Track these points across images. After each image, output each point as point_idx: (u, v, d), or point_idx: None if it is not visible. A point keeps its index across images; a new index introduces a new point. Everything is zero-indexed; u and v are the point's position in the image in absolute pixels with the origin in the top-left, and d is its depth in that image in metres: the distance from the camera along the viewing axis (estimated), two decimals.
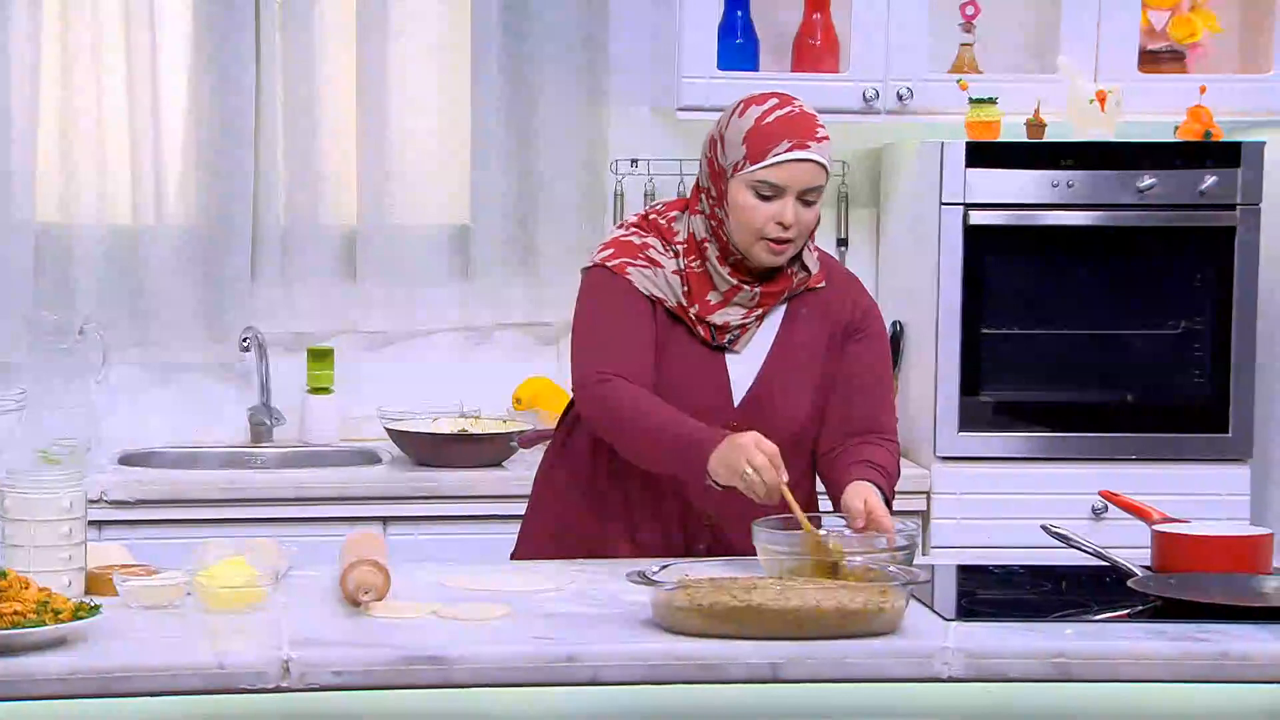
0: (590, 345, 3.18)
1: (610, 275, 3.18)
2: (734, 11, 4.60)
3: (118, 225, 4.63)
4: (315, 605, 2.83)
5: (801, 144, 3.09)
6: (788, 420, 3.19)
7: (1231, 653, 2.65)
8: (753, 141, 3.10)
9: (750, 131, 3.10)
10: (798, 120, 3.11)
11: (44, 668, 2.49)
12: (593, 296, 3.21)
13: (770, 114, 3.11)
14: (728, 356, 3.20)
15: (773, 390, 3.20)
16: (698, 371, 3.19)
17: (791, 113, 3.11)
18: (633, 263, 3.18)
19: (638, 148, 4.74)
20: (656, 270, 3.18)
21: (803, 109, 3.13)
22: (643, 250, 3.20)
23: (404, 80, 4.70)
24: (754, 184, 3.09)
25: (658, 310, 3.18)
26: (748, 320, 3.19)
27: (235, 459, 4.60)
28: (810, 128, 3.11)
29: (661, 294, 3.18)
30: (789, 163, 3.08)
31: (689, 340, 3.19)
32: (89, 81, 4.58)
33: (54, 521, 2.78)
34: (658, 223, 3.23)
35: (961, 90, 4.44)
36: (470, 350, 4.80)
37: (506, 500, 4.14)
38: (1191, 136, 4.45)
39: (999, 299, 4.43)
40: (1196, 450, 4.44)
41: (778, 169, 3.08)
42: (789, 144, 3.08)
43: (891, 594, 2.68)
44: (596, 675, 2.59)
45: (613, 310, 3.17)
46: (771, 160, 3.08)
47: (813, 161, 3.10)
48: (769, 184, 3.09)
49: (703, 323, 3.18)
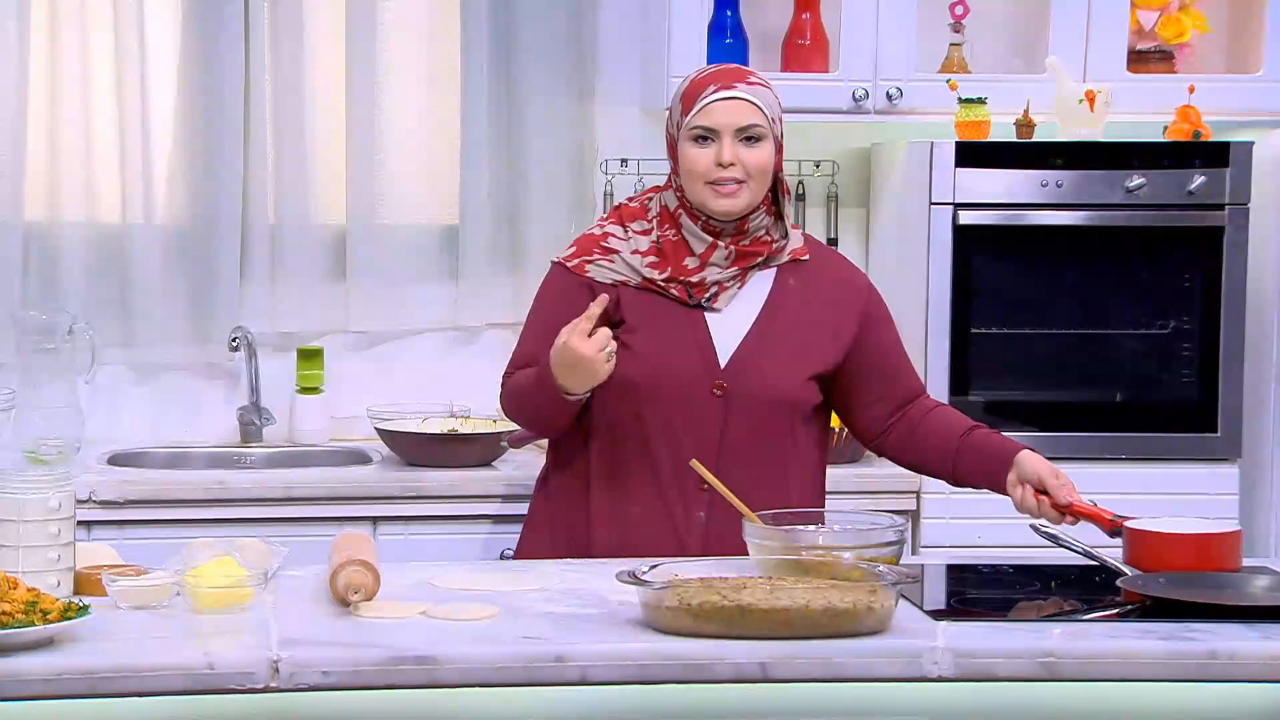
0: (520, 342, 3.38)
1: (565, 274, 3.32)
2: (723, 11, 4.60)
3: (106, 224, 4.62)
4: (304, 605, 2.83)
5: (727, 85, 3.25)
6: (777, 385, 3.25)
7: (1220, 652, 2.65)
8: (686, 96, 3.28)
9: (684, 90, 3.29)
10: (725, 70, 3.31)
11: (32, 668, 2.49)
12: (540, 294, 3.40)
13: (703, 73, 3.31)
14: (709, 316, 3.27)
15: (761, 354, 3.25)
16: (678, 334, 3.26)
17: (722, 68, 3.31)
18: (589, 259, 3.31)
19: (627, 147, 4.74)
20: (613, 257, 3.29)
21: (737, 67, 3.34)
22: (601, 240, 3.32)
23: (392, 80, 4.70)
24: (691, 134, 3.25)
25: (621, 293, 3.27)
26: (724, 277, 3.26)
27: (224, 459, 4.60)
28: (738, 73, 3.30)
29: (623, 276, 3.28)
30: (716, 103, 3.23)
31: (665, 306, 3.27)
32: (77, 80, 4.57)
33: (42, 522, 2.77)
34: (628, 207, 3.37)
35: (951, 90, 4.44)
36: (459, 350, 4.80)
37: (496, 500, 4.14)
38: (1180, 136, 4.46)
39: (988, 299, 4.43)
40: (1185, 450, 4.45)
41: (706, 112, 3.24)
42: (715, 87, 3.25)
43: (880, 593, 2.68)
44: (585, 675, 2.59)
45: (547, 310, 3.33)
46: (699, 105, 3.24)
47: (741, 99, 3.24)
48: (702, 128, 3.24)
49: (678, 282, 3.26)
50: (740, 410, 3.24)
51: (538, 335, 3.30)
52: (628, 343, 3.24)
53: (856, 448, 4.35)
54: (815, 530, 3.03)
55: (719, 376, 3.24)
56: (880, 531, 3.01)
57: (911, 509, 4.34)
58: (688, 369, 3.23)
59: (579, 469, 3.32)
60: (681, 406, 3.23)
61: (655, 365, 3.23)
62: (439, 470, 4.28)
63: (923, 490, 4.36)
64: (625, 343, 3.24)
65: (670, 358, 3.24)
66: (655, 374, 3.23)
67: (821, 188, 4.81)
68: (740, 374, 3.24)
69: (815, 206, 4.82)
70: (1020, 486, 3.21)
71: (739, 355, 3.26)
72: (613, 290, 3.26)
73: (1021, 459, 3.22)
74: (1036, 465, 3.20)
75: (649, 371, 3.23)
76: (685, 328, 3.26)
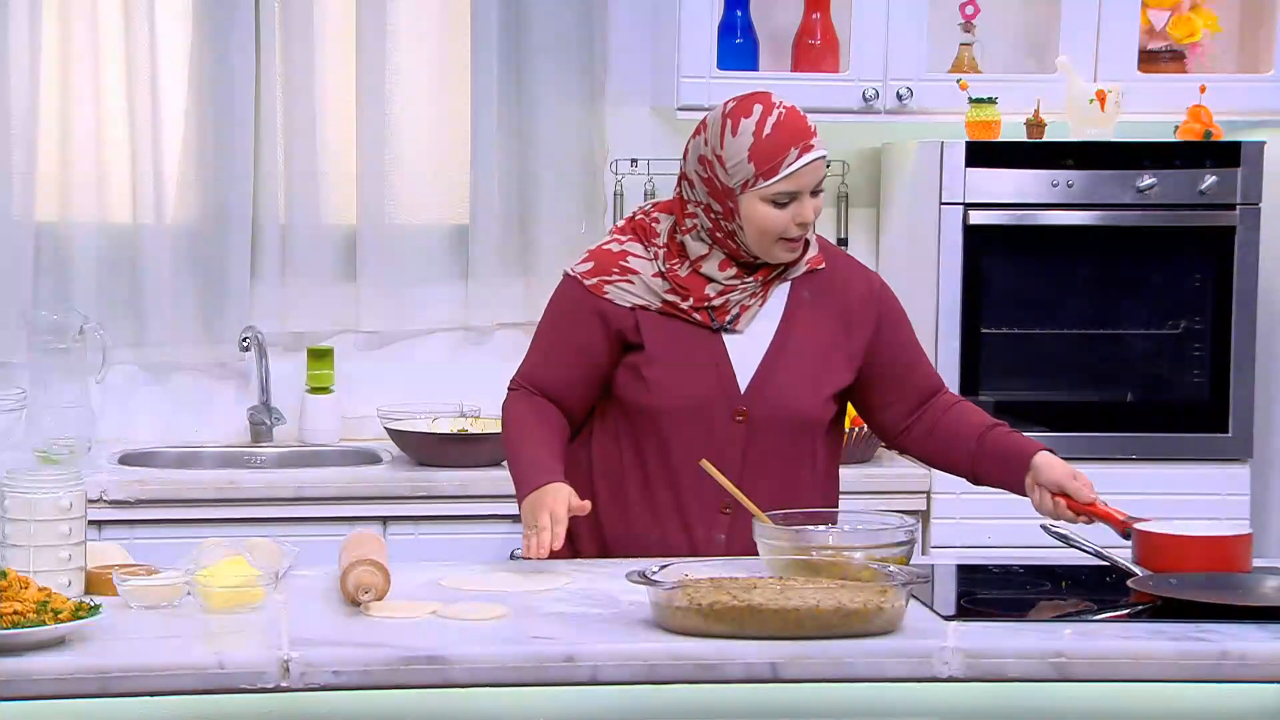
0: (530, 352, 3.31)
1: (579, 289, 3.24)
2: (734, 11, 4.60)
3: (117, 224, 4.63)
4: (315, 605, 2.83)
5: (806, 146, 3.14)
6: (796, 407, 3.22)
7: (1230, 652, 2.65)
8: (760, 157, 3.12)
9: (754, 148, 3.13)
10: (791, 123, 3.15)
11: (44, 667, 2.49)
12: (552, 306, 3.31)
13: (764, 124, 3.13)
14: (728, 339, 3.22)
15: (779, 377, 3.22)
16: (698, 361, 3.21)
17: (781, 115, 3.15)
18: (609, 279, 3.22)
19: (637, 147, 4.74)
20: (634, 278, 3.22)
21: (787, 107, 3.17)
22: (621, 259, 3.23)
23: (403, 80, 4.70)
24: (771, 196, 3.13)
25: (640, 318, 3.21)
26: (744, 296, 3.22)
27: (235, 459, 4.60)
28: (805, 126, 3.16)
29: (644, 300, 3.21)
30: (801, 168, 3.12)
31: (685, 330, 3.21)
32: (88, 80, 4.57)
33: (53, 521, 2.77)
34: (643, 223, 3.27)
35: (961, 90, 4.44)
36: (469, 350, 4.80)
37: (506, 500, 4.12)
38: (1191, 136, 4.45)
39: (999, 298, 4.43)
40: (1196, 450, 4.44)
41: (792, 178, 3.13)
42: (796, 150, 3.13)
43: (891, 593, 2.68)
44: (595, 675, 2.59)
45: (559, 325, 3.27)
46: (786, 172, 3.12)
47: (821, 158, 3.16)
48: (786, 193, 3.13)
49: (701, 309, 3.20)
50: (761, 434, 3.21)
51: (548, 351, 3.28)
52: (646, 373, 3.21)
53: (867, 448, 4.36)
54: (826, 530, 3.03)
55: (740, 402, 3.21)
56: (891, 532, 3.01)
57: (922, 509, 4.34)
58: (709, 398, 3.19)
59: (596, 490, 3.28)
60: (702, 433, 3.19)
61: (675, 396, 3.18)
62: (449, 470, 4.29)
63: (933, 490, 4.35)
64: (644, 373, 3.21)
65: (691, 388, 3.19)
66: (675, 404, 3.19)
67: (832, 187, 4.80)
68: (760, 399, 3.21)
69: (826, 206, 4.79)
70: (1037, 489, 3.20)
71: (758, 379, 3.21)
72: (631, 314, 3.22)
73: (1038, 463, 3.20)
74: (1053, 471, 3.19)
75: (669, 402, 3.19)
76: (704, 353, 3.21)
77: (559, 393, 3.26)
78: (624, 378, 3.23)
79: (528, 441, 3.23)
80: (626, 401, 3.23)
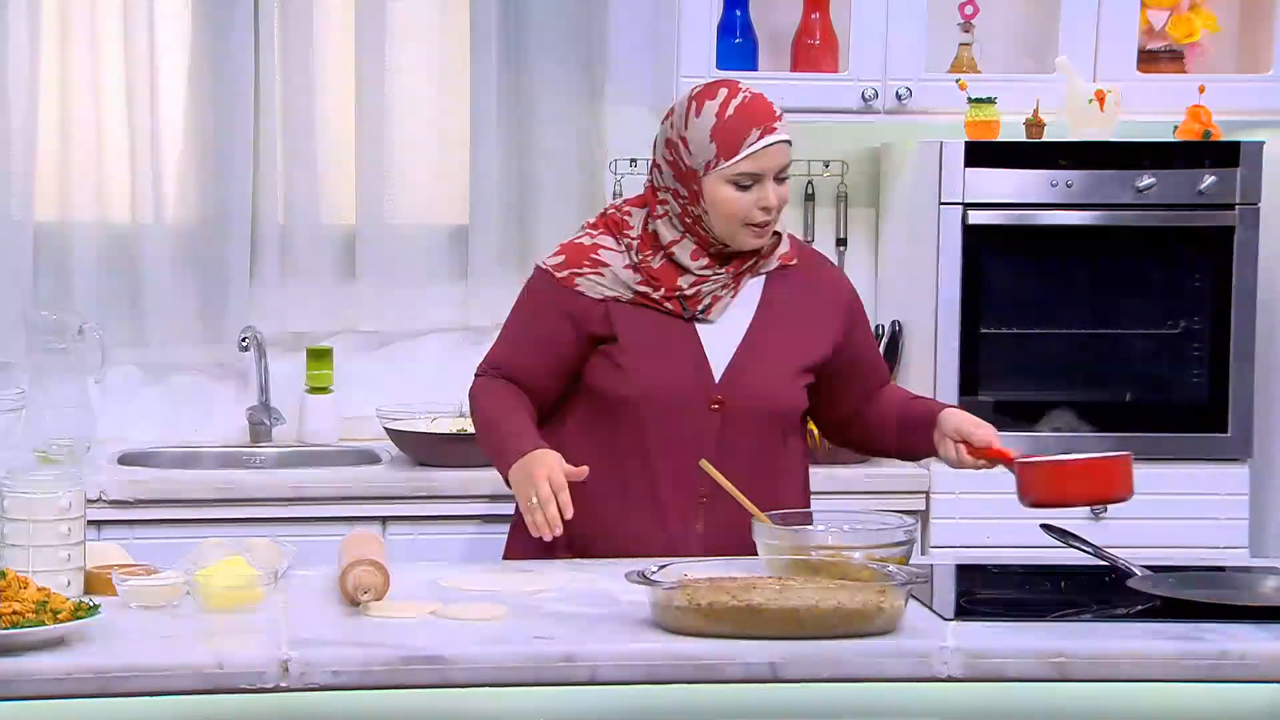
0: (498, 341, 3.34)
1: (551, 283, 3.26)
2: (733, 11, 4.60)
3: (116, 224, 4.63)
4: (314, 605, 2.83)
5: (768, 128, 3.17)
6: (771, 396, 3.25)
7: (1230, 652, 2.65)
8: (721, 137, 3.16)
9: (715, 128, 3.17)
10: (755, 105, 3.19)
11: (43, 667, 2.49)
12: (522, 296, 3.34)
13: (727, 106, 3.18)
14: (701, 329, 3.25)
15: (755, 365, 3.24)
16: (671, 350, 3.23)
17: (746, 98, 3.19)
18: (579, 271, 3.25)
19: (636, 147, 4.73)
20: (605, 270, 3.24)
21: (753, 93, 3.21)
22: (592, 252, 3.27)
23: (402, 80, 4.70)
24: (733, 178, 3.17)
25: (611, 309, 3.23)
26: (716, 286, 3.24)
27: (234, 459, 4.60)
28: (769, 110, 3.20)
29: (615, 292, 3.24)
30: (762, 150, 3.15)
31: (658, 320, 3.24)
32: (87, 81, 4.57)
33: (53, 521, 2.77)
34: (615, 218, 3.30)
35: (960, 90, 4.44)
36: (469, 350, 4.79)
37: (505, 500, 4.12)
38: (1190, 136, 4.45)
39: (998, 299, 4.43)
40: (1196, 450, 4.44)
41: (753, 159, 3.16)
42: (758, 131, 3.16)
43: (890, 593, 2.68)
44: (594, 675, 2.59)
45: (528, 316, 3.31)
46: (746, 152, 3.16)
47: (783, 141, 3.19)
48: (748, 174, 3.16)
49: (672, 298, 3.22)
50: (736, 422, 3.23)
51: (516, 342, 3.31)
52: (620, 362, 3.23)
53: None
54: (825, 530, 3.03)
55: (714, 391, 3.22)
56: (890, 531, 3.01)
57: (921, 509, 4.34)
58: (683, 386, 3.22)
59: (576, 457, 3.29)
60: (677, 422, 3.21)
61: (650, 384, 3.21)
62: (448, 470, 4.29)
63: (932, 490, 4.35)
64: (618, 362, 3.23)
65: (665, 377, 3.22)
66: (651, 393, 3.21)
67: (831, 188, 4.81)
68: (735, 387, 3.23)
69: (824, 206, 4.81)
70: (945, 441, 3.25)
71: (733, 368, 3.24)
72: (601, 305, 3.24)
73: (942, 417, 3.27)
74: (954, 418, 3.25)
75: (644, 390, 3.21)
76: (678, 342, 3.23)
77: (526, 380, 3.28)
78: (598, 367, 3.25)
79: (504, 417, 3.24)
80: (600, 390, 3.25)
